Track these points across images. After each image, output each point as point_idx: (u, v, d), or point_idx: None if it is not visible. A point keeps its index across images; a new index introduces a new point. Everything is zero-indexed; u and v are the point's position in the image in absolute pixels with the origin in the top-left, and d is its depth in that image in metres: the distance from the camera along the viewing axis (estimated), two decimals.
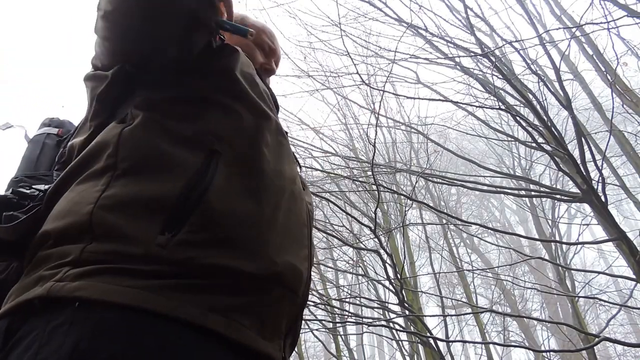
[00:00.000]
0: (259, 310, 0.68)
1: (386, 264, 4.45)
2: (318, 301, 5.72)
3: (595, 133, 6.11)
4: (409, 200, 5.81)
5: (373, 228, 4.06)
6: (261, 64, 1.13)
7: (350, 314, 5.69)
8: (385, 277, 4.69)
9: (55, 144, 1.04)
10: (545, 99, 4.24)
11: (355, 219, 5.69)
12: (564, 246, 7.70)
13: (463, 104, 5.65)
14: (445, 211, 7.01)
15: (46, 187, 0.80)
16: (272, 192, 0.76)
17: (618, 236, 3.49)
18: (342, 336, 7.41)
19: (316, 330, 6.52)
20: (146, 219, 0.64)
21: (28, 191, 0.80)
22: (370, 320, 5.61)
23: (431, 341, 4.64)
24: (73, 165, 0.77)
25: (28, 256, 0.68)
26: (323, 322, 6.26)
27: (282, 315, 0.73)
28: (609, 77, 4.92)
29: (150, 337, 0.56)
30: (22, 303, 0.59)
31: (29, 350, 0.54)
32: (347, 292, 7.80)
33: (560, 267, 6.96)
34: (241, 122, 0.79)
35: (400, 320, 6.01)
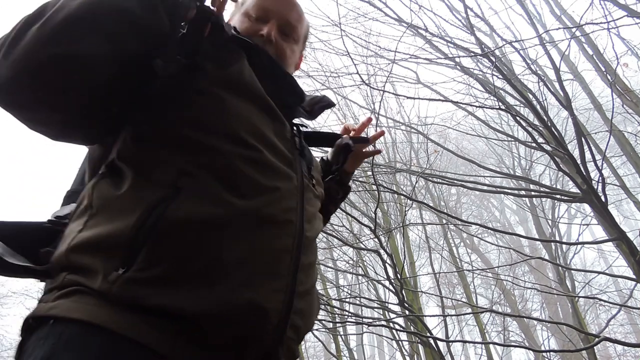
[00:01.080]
0: (212, 346, 0.67)
1: (386, 264, 4.45)
2: None
3: (595, 133, 6.12)
4: (409, 200, 5.80)
5: (373, 228, 4.05)
6: (248, 32, 1.01)
7: (350, 314, 5.69)
8: (385, 277, 4.69)
9: None
10: (545, 99, 4.24)
11: (355, 219, 5.68)
12: (564, 246, 7.71)
13: (463, 104, 5.65)
14: (445, 211, 7.01)
15: None
16: (234, 224, 0.71)
17: (618, 236, 3.49)
18: (342, 336, 7.42)
19: (316, 330, 6.51)
20: (105, 256, 0.67)
21: (61, 220, 0.86)
22: (370, 320, 5.60)
23: (431, 341, 4.64)
24: (78, 200, 0.82)
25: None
26: (323, 322, 6.25)
27: (245, 355, 0.70)
28: (609, 77, 4.92)
29: (100, 352, 0.61)
30: (24, 323, 0.69)
31: None
32: (347, 292, 7.80)
33: (560, 267, 6.96)
34: (208, 156, 0.76)
35: (400, 320, 6.02)
